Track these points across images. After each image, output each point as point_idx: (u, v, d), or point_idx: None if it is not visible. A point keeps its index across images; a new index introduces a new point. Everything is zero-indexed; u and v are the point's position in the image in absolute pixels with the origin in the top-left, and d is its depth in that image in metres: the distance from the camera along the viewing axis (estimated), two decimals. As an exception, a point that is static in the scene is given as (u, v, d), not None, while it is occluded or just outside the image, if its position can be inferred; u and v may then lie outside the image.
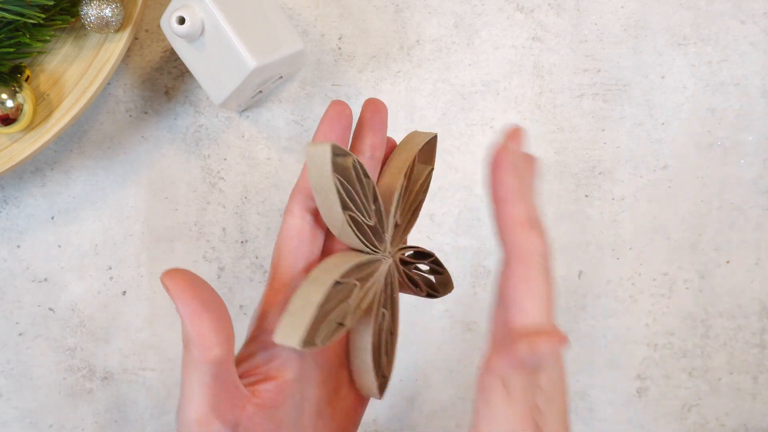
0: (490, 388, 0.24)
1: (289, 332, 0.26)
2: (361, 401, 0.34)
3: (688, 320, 0.47)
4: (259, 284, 0.46)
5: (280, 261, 0.31)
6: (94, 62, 0.40)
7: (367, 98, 0.32)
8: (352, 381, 0.33)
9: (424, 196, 0.33)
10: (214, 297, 0.27)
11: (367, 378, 0.31)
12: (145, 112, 0.45)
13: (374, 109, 0.32)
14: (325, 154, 0.26)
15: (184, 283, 0.27)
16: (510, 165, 0.24)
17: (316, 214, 0.31)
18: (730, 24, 0.45)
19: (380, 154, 0.32)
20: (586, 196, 0.46)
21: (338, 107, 0.31)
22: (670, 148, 0.46)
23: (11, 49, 0.38)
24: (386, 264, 0.30)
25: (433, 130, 0.45)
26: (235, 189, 0.46)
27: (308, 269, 0.31)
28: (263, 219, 0.46)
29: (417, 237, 0.46)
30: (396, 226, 0.31)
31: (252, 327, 0.31)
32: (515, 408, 0.24)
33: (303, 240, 0.31)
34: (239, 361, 0.30)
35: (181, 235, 0.46)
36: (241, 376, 0.29)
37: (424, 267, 0.35)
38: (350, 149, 0.32)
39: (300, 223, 0.31)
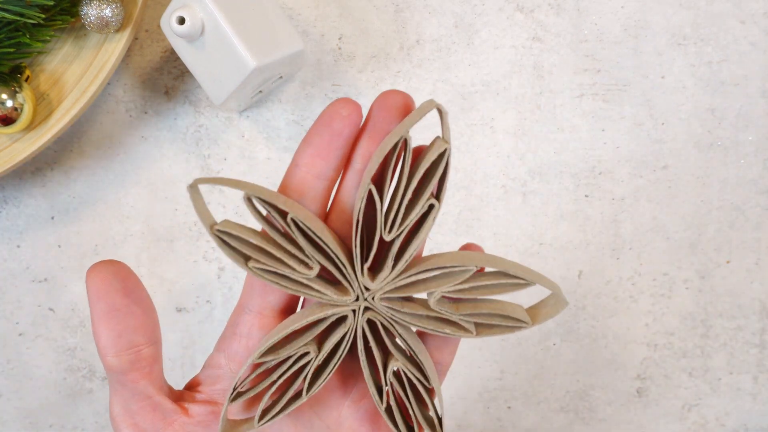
0: None
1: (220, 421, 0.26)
2: None
3: (688, 320, 0.47)
4: (259, 284, 0.46)
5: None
6: (94, 62, 0.40)
7: (383, 91, 0.25)
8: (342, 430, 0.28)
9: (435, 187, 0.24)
10: (128, 302, 0.25)
11: None
12: (145, 112, 0.45)
13: (381, 105, 0.24)
14: (195, 199, 0.24)
15: (99, 284, 0.25)
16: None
17: None
18: (730, 24, 0.45)
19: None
20: (586, 196, 0.46)
21: (330, 110, 0.24)
22: (670, 148, 0.46)
23: (11, 49, 0.38)
24: (354, 315, 0.24)
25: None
26: (235, 189, 0.46)
27: None
28: (263, 219, 0.46)
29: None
30: (364, 257, 0.24)
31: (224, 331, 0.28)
32: None
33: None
34: (206, 365, 0.28)
35: (181, 235, 0.46)
36: (192, 385, 0.28)
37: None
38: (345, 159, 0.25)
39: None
